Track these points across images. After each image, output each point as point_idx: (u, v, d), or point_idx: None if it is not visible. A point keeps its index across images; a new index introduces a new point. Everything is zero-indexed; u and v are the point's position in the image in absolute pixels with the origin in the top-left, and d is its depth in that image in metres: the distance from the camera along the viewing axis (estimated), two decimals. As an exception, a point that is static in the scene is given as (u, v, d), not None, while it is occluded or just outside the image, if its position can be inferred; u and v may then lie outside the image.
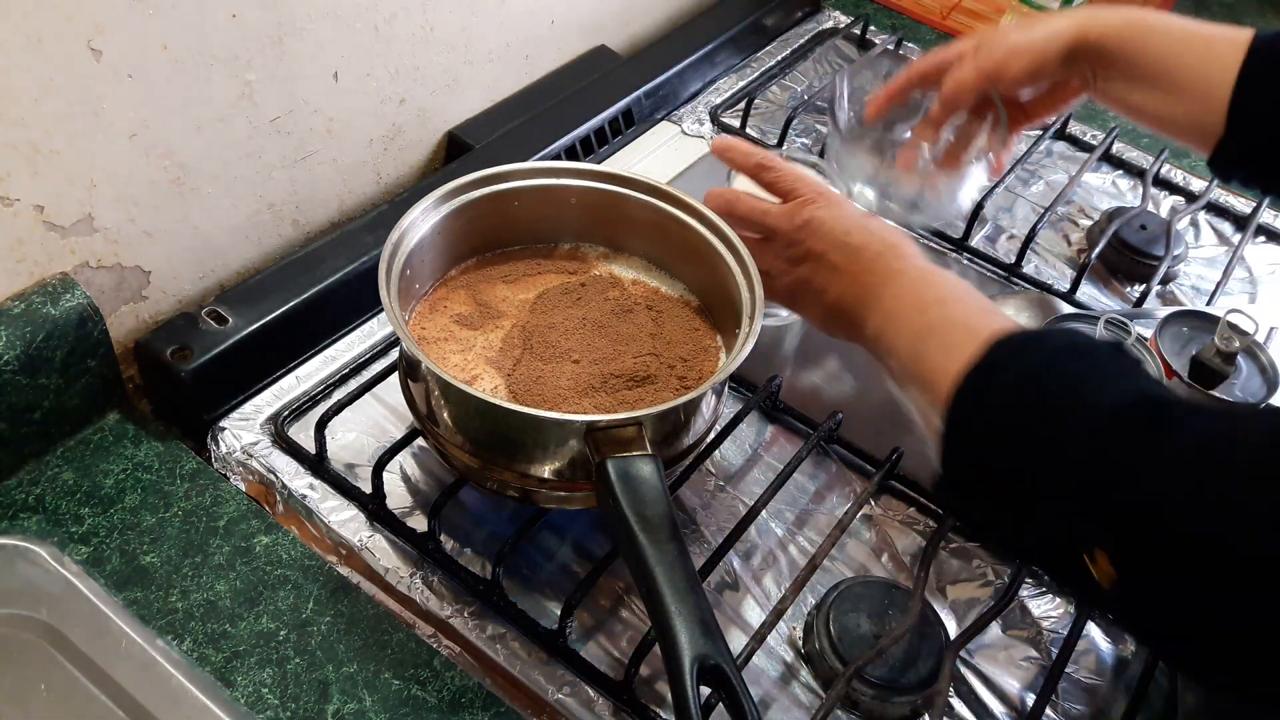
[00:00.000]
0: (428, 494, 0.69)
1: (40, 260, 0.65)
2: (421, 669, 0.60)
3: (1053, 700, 0.63)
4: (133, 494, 0.66)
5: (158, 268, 0.72)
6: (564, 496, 0.62)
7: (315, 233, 0.84)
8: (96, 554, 0.63)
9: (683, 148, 1.00)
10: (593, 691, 0.60)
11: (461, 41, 0.88)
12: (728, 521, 0.69)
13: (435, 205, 0.67)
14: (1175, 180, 1.04)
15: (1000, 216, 0.98)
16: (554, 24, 0.98)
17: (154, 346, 0.69)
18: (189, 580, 0.62)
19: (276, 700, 0.57)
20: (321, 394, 0.74)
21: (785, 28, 1.17)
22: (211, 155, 0.72)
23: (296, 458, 0.69)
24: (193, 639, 0.59)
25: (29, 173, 0.61)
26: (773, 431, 0.76)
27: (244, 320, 0.72)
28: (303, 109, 0.76)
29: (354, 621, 0.61)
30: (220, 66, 0.69)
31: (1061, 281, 0.91)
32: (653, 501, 0.54)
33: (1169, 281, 0.94)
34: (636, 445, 0.56)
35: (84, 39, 0.60)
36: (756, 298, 0.64)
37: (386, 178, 0.89)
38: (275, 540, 0.65)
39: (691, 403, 0.61)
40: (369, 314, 0.79)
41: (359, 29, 0.77)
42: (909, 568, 0.69)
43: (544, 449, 0.60)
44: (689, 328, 0.70)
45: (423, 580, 0.63)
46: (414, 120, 0.88)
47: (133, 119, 0.65)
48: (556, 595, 0.64)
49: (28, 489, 0.65)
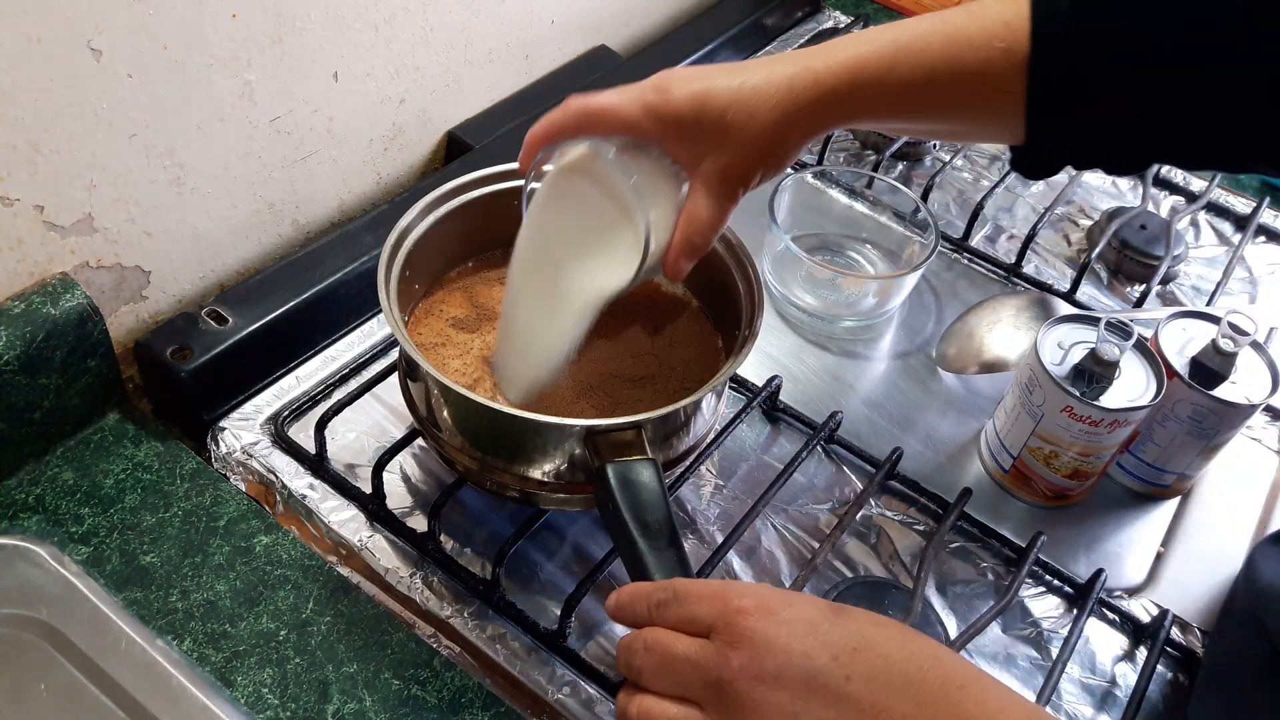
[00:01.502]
0: (428, 494, 0.69)
1: (40, 260, 0.65)
2: (421, 669, 0.60)
3: (1053, 700, 0.63)
4: (133, 494, 0.66)
5: (158, 268, 0.72)
6: (564, 498, 0.62)
7: (315, 233, 0.84)
8: (96, 554, 0.63)
9: (683, 147, 1.00)
10: (593, 691, 0.60)
11: (461, 41, 0.88)
12: (728, 521, 0.69)
13: (435, 205, 0.67)
14: (1175, 180, 1.04)
15: (1000, 216, 0.98)
16: (554, 24, 0.98)
17: (154, 346, 0.69)
18: (189, 580, 0.62)
19: (276, 700, 0.57)
20: (321, 394, 0.74)
21: (785, 28, 1.18)
22: (211, 155, 0.72)
23: (296, 458, 0.69)
24: (193, 639, 0.59)
25: (29, 173, 0.61)
26: (772, 431, 0.76)
27: (244, 320, 0.72)
28: (303, 109, 0.76)
29: (354, 621, 0.61)
30: (220, 66, 0.69)
31: (1061, 281, 0.91)
32: (653, 506, 0.54)
33: (1169, 281, 0.94)
34: (636, 449, 0.56)
35: (84, 39, 0.60)
36: (757, 299, 0.64)
37: (386, 178, 0.89)
38: (275, 540, 0.65)
39: (692, 405, 0.61)
40: (369, 314, 0.79)
41: (359, 29, 0.77)
42: (909, 568, 0.69)
43: (543, 452, 0.60)
44: (690, 328, 0.70)
45: (423, 580, 0.63)
46: (414, 120, 0.88)
47: (133, 119, 0.65)
48: (556, 595, 0.64)
49: (28, 489, 0.65)
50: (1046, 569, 0.69)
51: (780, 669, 0.42)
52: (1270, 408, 0.82)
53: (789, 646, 0.42)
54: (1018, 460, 0.72)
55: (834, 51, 0.54)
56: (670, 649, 0.45)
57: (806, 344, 0.84)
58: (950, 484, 0.73)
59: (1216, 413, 0.69)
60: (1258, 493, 0.77)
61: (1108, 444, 0.69)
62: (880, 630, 0.43)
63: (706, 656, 0.43)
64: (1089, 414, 0.67)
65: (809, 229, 0.92)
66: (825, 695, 0.41)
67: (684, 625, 0.45)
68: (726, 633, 0.43)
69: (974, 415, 0.80)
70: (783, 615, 0.43)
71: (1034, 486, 0.73)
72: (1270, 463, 0.79)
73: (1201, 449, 0.72)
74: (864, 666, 0.42)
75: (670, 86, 0.55)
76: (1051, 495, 0.73)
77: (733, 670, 0.42)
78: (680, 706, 0.44)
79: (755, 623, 0.43)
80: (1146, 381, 0.69)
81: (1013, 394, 0.72)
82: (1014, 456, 0.72)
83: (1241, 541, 0.73)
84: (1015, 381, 0.72)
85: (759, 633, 0.43)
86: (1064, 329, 0.72)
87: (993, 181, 0.97)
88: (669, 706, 0.44)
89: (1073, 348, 0.70)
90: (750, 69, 0.54)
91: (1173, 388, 0.69)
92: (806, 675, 0.42)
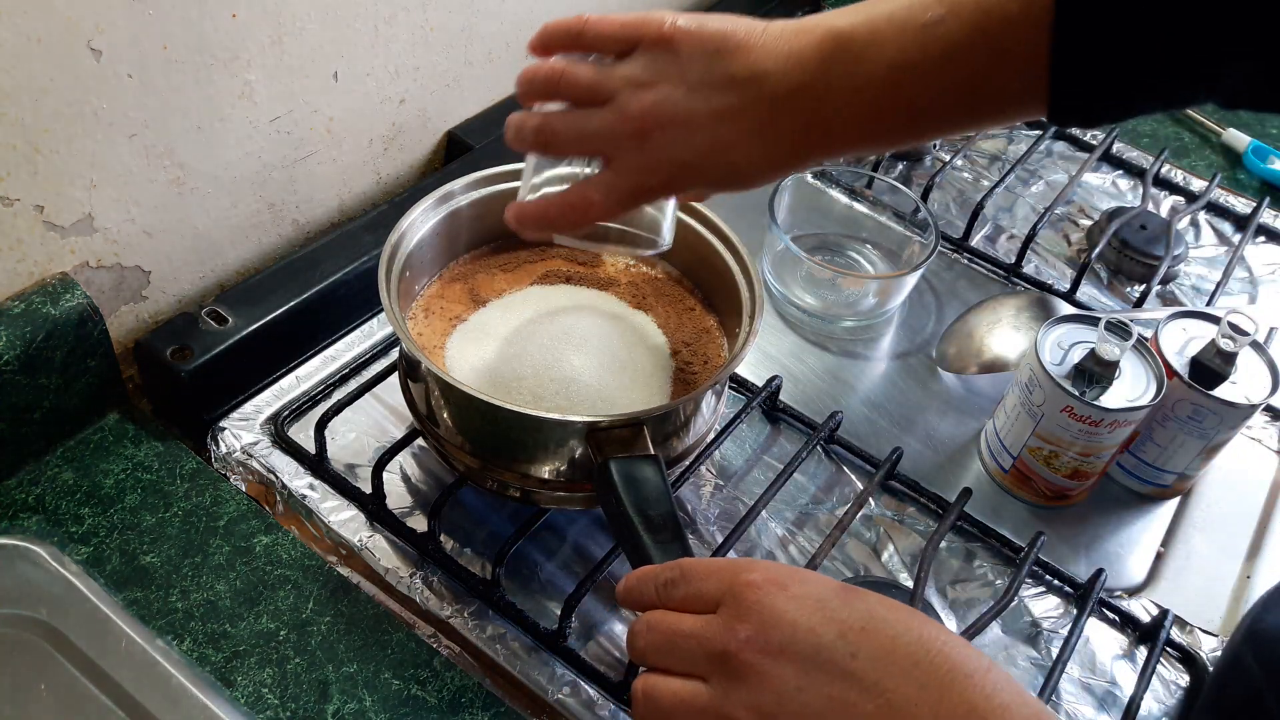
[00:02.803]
0: (428, 494, 0.69)
1: (40, 260, 0.65)
2: (421, 669, 0.60)
3: (1053, 700, 0.63)
4: (133, 494, 0.66)
5: (158, 268, 0.72)
6: (564, 497, 0.62)
7: (315, 233, 0.84)
8: (96, 554, 0.62)
9: (683, 148, 1.00)
10: (593, 691, 0.60)
11: (461, 41, 0.88)
12: (728, 521, 0.69)
13: (435, 205, 0.67)
14: (1175, 180, 1.04)
15: (1000, 216, 0.98)
16: (554, 24, 0.98)
17: (154, 346, 0.69)
18: (189, 580, 0.62)
19: (276, 700, 0.57)
20: (321, 394, 0.74)
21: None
22: (211, 155, 0.72)
23: (296, 458, 0.69)
24: (193, 639, 0.59)
25: (29, 173, 0.61)
26: (772, 431, 0.76)
27: (244, 320, 0.72)
28: (303, 109, 0.76)
29: (354, 621, 0.61)
30: (220, 66, 0.69)
31: (1061, 282, 0.91)
32: (656, 501, 0.54)
33: (1169, 281, 0.94)
34: (638, 445, 0.56)
35: (84, 39, 0.60)
36: (757, 296, 0.64)
37: (386, 178, 0.89)
38: (275, 540, 0.65)
39: (692, 404, 0.61)
40: (369, 314, 0.79)
41: (359, 29, 0.77)
42: (909, 568, 0.69)
43: (545, 449, 0.60)
44: (694, 320, 0.70)
45: (423, 580, 0.63)
46: (414, 120, 0.88)
47: (133, 119, 0.65)
48: (556, 595, 0.64)
49: (28, 489, 0.65)
50: (1046, 569, 0.69)
51: (786, 642, 0.42)
52: (1270, 408, 0.82)
53: (796, 621, 0.42)
54: (1018, 460, 0.72)
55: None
56: (675, 626, 0.45)
57: (806, 344, 0.84)
58: (950, 484, 0.73)
59: (1216, 413, 0.69)
60: (1258, 493, 0.77)
61: (1108, 444, 0.69)
62: (890, 612, 0.43)
63: (712, 630, 0.43)
64: (1089, 414, 0.67)
65: (809, 229, 0.92)
66: (830, 671, 0.41)
67: (691, 602, 0.45)
68: (734, 605, 0.43)
69: (974, 415, 0.80)
70: (792, 590, 0.43)
71: (1034, 486, 0.73)
72: (1270, 463, 0.79)
73: (1201, 449, 0.72)
74: (871, 646, 0.41)
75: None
76: (1051, 495, 0.73)
77: (739, 641, 0.42)
78: (685, 681, 0.44)
79: (764, 596, 0.43)
80: (1146, 381, 0.69)
81: (1013, 394, 0.72)
82: (1014, 456, 0.73)
83: (1241, 541, 0.73)
84: (1015, 381, 0.72)
85: (767, 606, 0.43)
86: (1064, 329, 0.72)
87: (993, 181, 0.97)
88: (673, 681, 0.44)
89: (1073, 348, 0.70)
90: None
91: (1173, 388, 0.69)
92: (812, 650, 0.42)
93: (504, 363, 0.64)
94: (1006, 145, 1.07)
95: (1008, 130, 1.09)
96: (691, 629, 0.44)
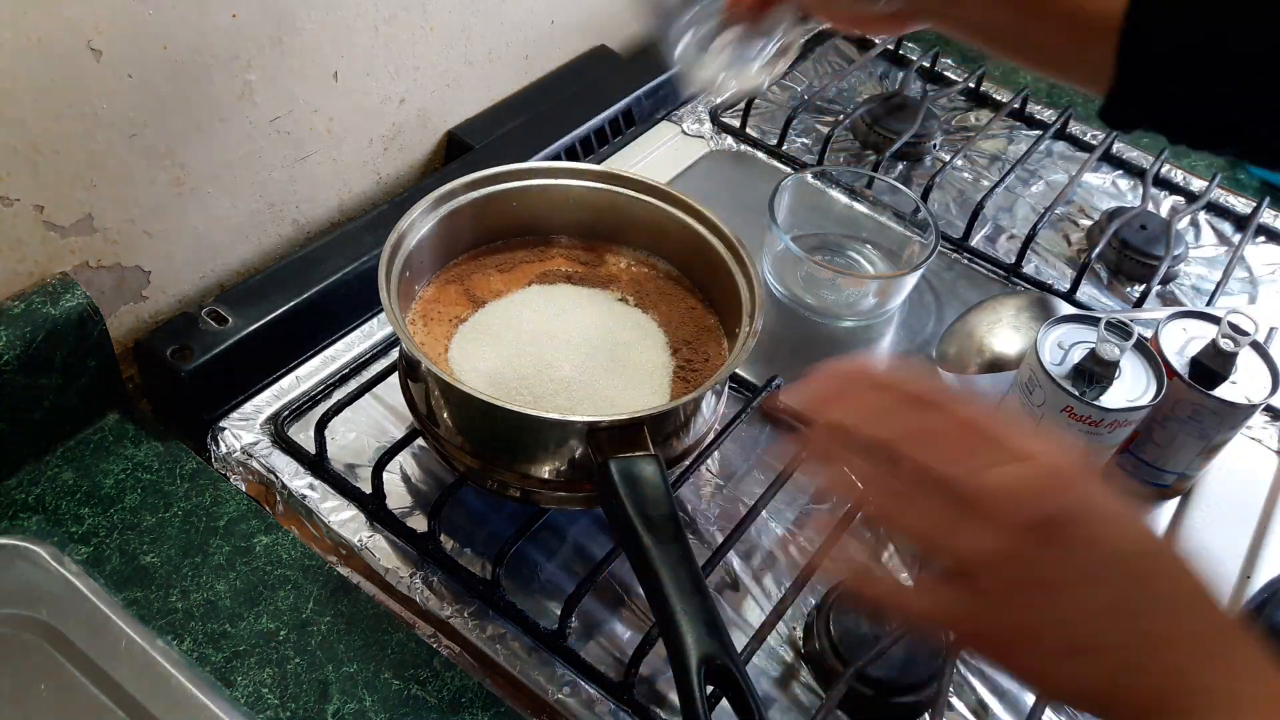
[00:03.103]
0: (428, 494, 0.69)
1: (40, 260, 0.65)
2: (421, 669, 0.60)
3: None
4: (133, 494, 0.66)
5: (158, 268, 0.72)
6: (565, 496, 0.62)
7: (315, 232, 0.84)
8: (96, 554, 0.62)
9: (683, 148, 1.00)
10: (593, 691, 0.60)
11: (461, 41, 0.88)
12: (728, 521, 0.69)
13: (435, 205, 0.67)
14: (1175, 180, 1.04)
15: (1000, 216, 0.98)
16: (554, 24, 0.98)
17: (154, 346, 0.69)
18: (189, 580, 0.62)
19: (276, 700, 0.57)
20: (321, 394, 0.74)
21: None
22: (211, 155, 0.72)
23: (296, 458, 0.69)
24: (193, 639, 0.59)
25: (29, 173, 0.61)
26: (772, 431, 0.76)
27: (244, 320, 0.72)
28: (302, 109, 0.76)
29: (354, 621, 0.61)
30: (220, 66, 0.69)
31: (1061, 281, 0.91)
32: (656, 501, 0.54)
33: (1169, 281, 0.94)
34: (638, 445, 0.56)
35: (84, 39, 0.60)
36: (757, 297, 0.64)
37: (386, 178, 0.89)
38: (275, 540, 0.65)
39: (692, 404, 0.61)
40: (369, 314, 0.79)
41: (358, 28, 0.77)
42: (909, 568, 0.69)
43: (545, 449, 0.60)
44: (695, 319, 0.70)
45: (423, 580, 0.63)
46: (414, 120, 0.88)
47: (133, 119, 0.65)
48: (556, 595, 0.64)
49: (28, 489, 0.65)
50: (1047, 569, 0.69)
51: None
52: (1270, 408, 0.82)
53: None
54: (1018, 460, 0.72)
55: None
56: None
57: (806, 344, 0.84)
58: (950, 484, 0.73)
59: (1216, 413, 0.69)
60: (1258, 493, 0.77)
61: (1107, 444, 0.69)
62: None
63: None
64: (1089, 414, 0.67)
65: (809, 229, 0.92)
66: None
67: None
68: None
69: (974, 415, 0.80)
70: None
71: (1034, 486, 0.73)
72: (1270, 463, 0.79)
73: (1201, 449, 0.72)
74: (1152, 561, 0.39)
75: None
76: (1051, 495, 0.73)
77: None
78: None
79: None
80: (1146, 381, 0.69)
81: (1013, 394, 0.72)
82: (1014, 456, 0.72)
83: (1241, 542, 0.73)
84: (1015, 381, 0.72)
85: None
86: (1064, 329, 0.72)
87: (993, 181, 0.97)
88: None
89: (1073, 348, 0.70)
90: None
91: (1173, 388, 0.69)
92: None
93: (505, 362, 0.64)
94: (1006, 145, 1.07)
95: (1008, 130, 1.09)
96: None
